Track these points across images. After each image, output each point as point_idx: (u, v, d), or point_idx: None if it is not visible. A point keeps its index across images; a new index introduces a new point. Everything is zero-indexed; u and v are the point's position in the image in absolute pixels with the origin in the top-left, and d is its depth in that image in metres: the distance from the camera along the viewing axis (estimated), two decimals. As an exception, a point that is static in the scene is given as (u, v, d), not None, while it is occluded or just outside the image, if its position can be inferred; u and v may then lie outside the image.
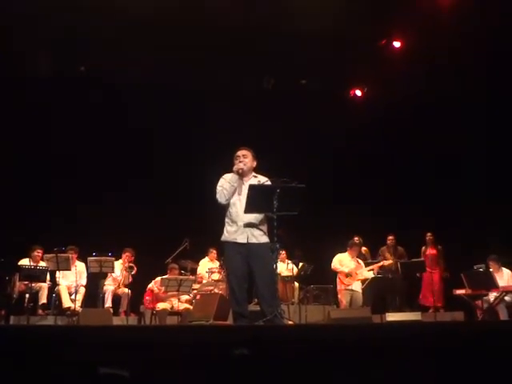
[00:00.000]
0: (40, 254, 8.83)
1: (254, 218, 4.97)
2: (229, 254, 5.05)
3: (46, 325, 7.77)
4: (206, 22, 9.12)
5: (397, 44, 10.65)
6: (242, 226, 4.94)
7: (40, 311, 8.67)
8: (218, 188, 5.11)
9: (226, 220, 5.09)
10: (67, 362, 2.41)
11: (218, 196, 5.09)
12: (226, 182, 5.04)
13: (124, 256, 9.38)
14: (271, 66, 10.73)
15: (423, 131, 10.36)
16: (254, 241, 4.94)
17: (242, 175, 5.05)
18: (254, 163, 5.19)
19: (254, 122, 10.59)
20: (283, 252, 9.87)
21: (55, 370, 2.30)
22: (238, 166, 5.04)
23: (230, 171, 5.16)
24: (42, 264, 8.64)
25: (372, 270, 9.45)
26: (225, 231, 5.09)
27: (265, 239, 4.99)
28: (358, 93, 12.10)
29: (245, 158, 5.10)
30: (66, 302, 8.66)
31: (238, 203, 4.94)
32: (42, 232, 9.36)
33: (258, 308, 5.40)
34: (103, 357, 2.39)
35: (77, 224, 9.73)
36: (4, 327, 5.15)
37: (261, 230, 5.00)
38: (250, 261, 4.91)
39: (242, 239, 4.94)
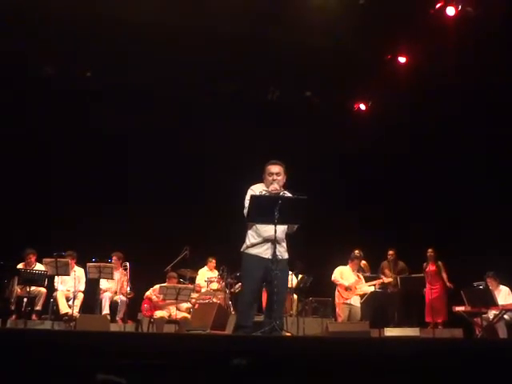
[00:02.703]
0: (32, 258, 8.79)
1: (279, 233, 4.86)
2: (250, 266, 4.97)
3: (42, 329, 7.72)
4: (210, 31, 9.18)
5: (402, 59, 10.69)
6: (268, 241, 4.87)
7: (34, 316, 8.61)
8: (247, 203, 4.93)
9: (251, 232, 5.00)
10: (63, 367, 2.40)
11: (246, 212, 4.93)
12: None
13: (113, 260, 9.17)
14: (276, 78, 10.80)
15: (426, 145, 10.37)
16: (278, 257, 4.86)
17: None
18: (285, 178, 5.09)
19: (257, 132, 10.62)
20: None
21: (52, 375, 2.29)
22: (273, 187, 4.89)
23: (258, 181, 5.12)
24: (40, 267, 8.58)
25: (374, 285, 9.41)
26: (247, 242, 5.00)
27: (287, 255, 4.96)
28: (363, 107, 12.13)
29: (278, 176, 5.00)
30: (64, 308, 8.61)
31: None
32: (41, 236, 9.33)
33: (256, 319, 5.38)
34: (100, 363, 2.38)
35: (77, 230, 9.69)
36: (1, 331, 5.13)
37: (284, 245, 4.97)
38: (269, 275, 4.79)
39: (267, 254, 4.86)
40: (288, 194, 4.94)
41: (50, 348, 2.60)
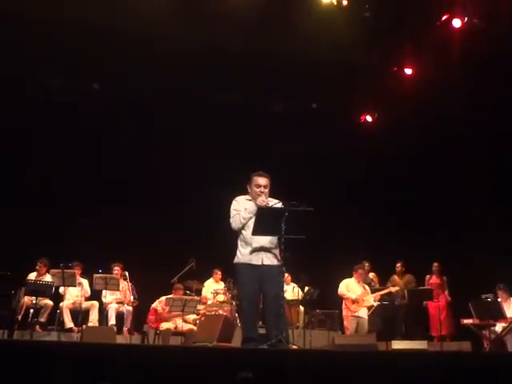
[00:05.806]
0: (42, 266, 8.80)
1: (268, 240, 4.94)
2: (243, 277, 4.99)
3: (48, 341, 7.70)
4: (217, 44, 9.25)
5: (408, 71, 10.71)
6: (257, 249, 4.91)
7: (37, 327, 8.56)
8: (233, 212, 5.03)
9: (240, 243, 5.03)
10: (69, 378, 2.40)
11: (232, 221, 5.02)
12: (244, 212, 4.95)
13: (114, 271, 9.14)
14: (282, 90, 10.84)
15: (433, 156, 10.34)
16: (267, 263, 4.91)
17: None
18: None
19: (264, 144, 10.64)
20: (287, 275, 9.80)
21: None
22: (262, 201, 4.90)
23: (242, 193, 5.15)
24: (48, 278, 8.60)
25: (381, 295, 9.35)
26: (238, 253, 5.03)
27: (277, 262, 4.96)
28: (369, 118, 12.13)
29: (265, 189, 5.03)
30: (67, 323, 8.65)
31: (252, 226, 4.86)
32: (51, 247, 9.35)
33: (263, 331, 5.35)
34: (105, 374, 2.38)
35: (83, 241, 9.68)
36: (7, 342, 5.13)
37: (274, 252, 4.97)
38: (262, 283, 4.88)
39: (256, 261, 4.91)
40: (274, 202, 4.96)
41: (56, 360, 2.59)
